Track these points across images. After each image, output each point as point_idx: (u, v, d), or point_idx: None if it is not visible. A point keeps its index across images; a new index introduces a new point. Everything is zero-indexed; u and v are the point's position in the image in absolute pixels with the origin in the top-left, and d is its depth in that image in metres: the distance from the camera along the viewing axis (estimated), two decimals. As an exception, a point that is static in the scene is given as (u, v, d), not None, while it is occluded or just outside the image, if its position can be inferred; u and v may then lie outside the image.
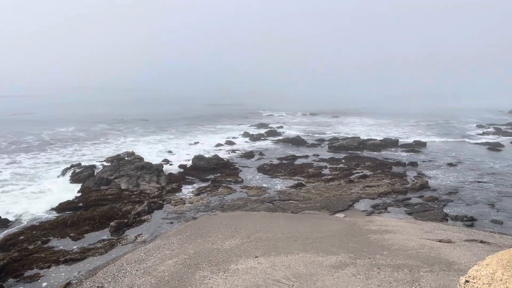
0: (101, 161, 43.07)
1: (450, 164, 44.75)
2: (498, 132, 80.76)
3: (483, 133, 79.13)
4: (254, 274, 16.04)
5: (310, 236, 21.28)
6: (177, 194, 32.30)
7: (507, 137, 72.78)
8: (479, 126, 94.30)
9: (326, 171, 40.70)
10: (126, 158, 42.67)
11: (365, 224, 24.10)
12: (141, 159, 41.54)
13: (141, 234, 23.17)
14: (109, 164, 39.67)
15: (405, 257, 17.53)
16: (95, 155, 48.38)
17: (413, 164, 44.47)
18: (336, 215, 26.67)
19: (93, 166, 39.51)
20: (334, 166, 43.56)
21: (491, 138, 69.54)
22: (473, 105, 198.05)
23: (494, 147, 58.41)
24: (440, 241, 20.28)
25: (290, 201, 30.12)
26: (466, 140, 69.30)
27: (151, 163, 38.35)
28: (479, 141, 66.34)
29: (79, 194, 31.72)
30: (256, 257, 18.06)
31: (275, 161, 45.90)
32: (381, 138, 62.77)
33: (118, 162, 39.28)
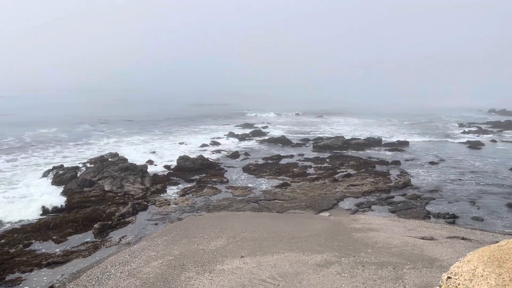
0: (84, 163, 42.45)
1: (432, 163, 45.50)
2: (479, 131, 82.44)
3: (464, 132, 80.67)
4: (240, 274, 16.05)
5: (295, 235, 21.39)
6: (162, 195, 32.07)
7: (487, 135, 74.36)
8: (461, 125, 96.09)
9: (311, 171, 40.94)
10: (109, 159, 42.13)
11: (349, 222, 24.34)
12: (125, 160, 41.09)
13: (125, 236, 22.94)
14: (93, 165, 39.14)
15: (389, 254, 17.77)
16: (78, 156, 47.67)
17: (396, 163, 45.07)
18: (321, 214, 26.86)
19: (76, 168, 38.92)
20: (319, 165, 43.85)
21: (472, 137, 70.93)
22: (454, 105, 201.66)
23: (475, 146, 59.61)
24: (423, 238, 20.61)
25: (276, 200, 30.21)
26: (448, 139, 70.56)
27: (135, 164, 37.98)
28: (460, 140, 67.60)
29: (62, 196, 31.20)
30: (242, 257, 18.07)
31: (260, 161, 45.97)
32: (365, 138, 63.44)
33: (102, 163, 38.79)
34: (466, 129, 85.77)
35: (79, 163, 42.08)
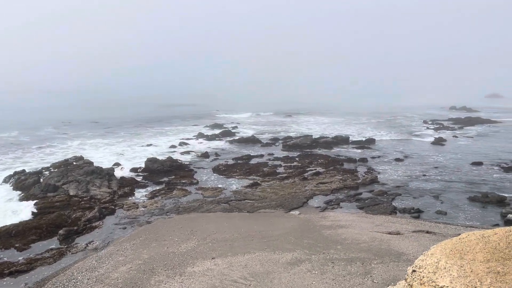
0: (48, 167, 41.02)
1: (398, 159, 46.77)
2: (441, 127, 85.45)
3: (428, 129, 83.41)
4: (211, 275, 15.94)
5: (266, 234, 21.46)
6: (130, 198, 31.43)
7: (449, 131, 77.21)
8: (424, 122, 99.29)
9: (280, 170, 41.20)
10: (74, 163, 40.89)
11: (319, 220, 24.65)
12: (90, 163, 40.00)
13: (92, 241, 22.32)
14: (56, 170, 37.87)
15: (357, 250, 18.11)
16: (41, 160, 46.02)
17: (364, 160, 46.04)
18: (291, 212, 27.07)
19: (39, 172, 37.57)
20: (288, 164, 44.20)
21: (435, 134, 73.43)
22: (418, 102, 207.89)
23: (438, 142, 61.74)
24: (389, 233, 21.14)
25: (246, 200, 30.20)
26: (412, 136, 72.72)
27: (101, 167, 37.04)
28: (424, 137, 69.86)
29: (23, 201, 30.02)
30: (213, 258, 17.96)
31: (230, 161, 45.85)
32: (333, 136, 64.46)
33: (66, 167, 37.63)
34: (430, 126, 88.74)
35: (42, 167, 40.65)
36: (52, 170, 39.25)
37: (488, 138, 68.36)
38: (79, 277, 16.87)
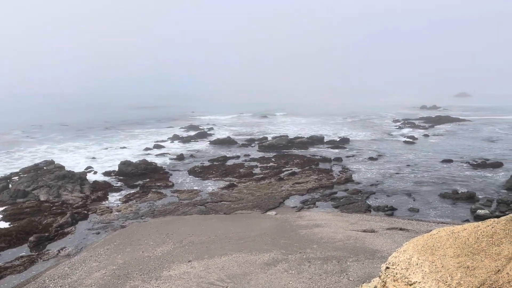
0: (17, 172, 39.71)
1: (372, 158, 47.57)
2: (412, 126, 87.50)
3: (400, 128, 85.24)
4: (187, 279, 15.77)
5: (243, 236, 21.41)
6: (103, 203, 30.77)
7: (420, 130, 79.11)
8: (396, 121, 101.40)
9: (257, 170, 41.23)
10: (45, 168, 39.75)
11: (295, 220, 24.78)
12: (61, 167, 38.98)
13: (64, 248, 21.74)
14: (26, 175, 36.71)
15: (333, 249, 18.30)
16: (9, 165, 44.53)
17: (338, 159, 46.62)
18: (267, 213, 27.11)
19: (8, 178, 36.34)
20: (265, 165, 44.28)
21: (406, 133, 75.10)
22: (390, 102, 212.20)
23: (410, 141, 63.18)
24: (364, 231, 21.46)
25: (223, 202, 30.07)
26: (385, 135, 74.14)
27: (73, 172, 36.15)
28: (396, 136, 71.35)
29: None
30: (189, 261, 17.78)
31: (206, 163, 45.56)
32: (308, 136, 64.99)
33: (36, 172, 36.54)
34: (402, 126, 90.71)
35: (11, 173, 39.32)
36: (21, 175, 38.01)
37: (458, 136, 70.44)
38: (51, 285, 16.39)
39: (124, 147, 58.17)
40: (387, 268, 6.47)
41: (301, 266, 16.24)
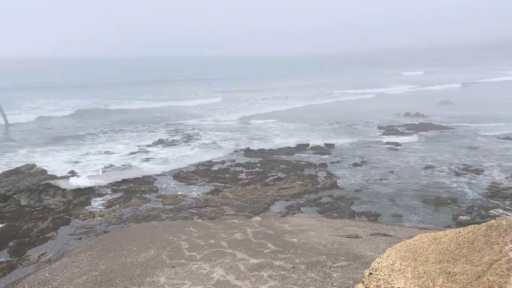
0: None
1: (356, 164, 47.93)
2: (396, 133, 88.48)
3: (384, 134, 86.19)
4: (171, 285, 15.61)
5: (227, 241, 21.33)
6: (86, 208, 30.35)
7: (404, 137, 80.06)
8: (380, 128, 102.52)
9: (242, 175, 41.18)
10: (26, 172, 38.96)
11: (280, 225, 24.81)
12: (43, 171, 38.26)
13: (45, 253, 21.35)
14: (6, 179, 35.95)
15: (317, 254, 18.36)
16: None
17: (323, 165, 46.85)
18: (253, 218, 27.09)
19: (-13, 182, 35.47)
20: (250, 170, 44.25)
21: (390, 139, 75.94)
22: (374, 108, 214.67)
23: (393, 147, 63.90)
24: (348, 237, 21.60)
25: (208, 207, 29.95)
26: (370, 141, 74.81)
27: (55, 176, 35.56)
28: (380, 142, 72.00)
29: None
30: (173, 267, 17.63)
31: (192, 168, 45.30)
32: (295, 142, 65.17)
33: (17, 176, 35.81)
34: (386, 132, 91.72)
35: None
36: (1, 179, 37.18)
37: (441, 143, 71.45)
38: (30, 292, 16.04)
39: (109, 151, 57.44)
40: (371, 273, 6.51)
41: (285, 272, 16.25)
